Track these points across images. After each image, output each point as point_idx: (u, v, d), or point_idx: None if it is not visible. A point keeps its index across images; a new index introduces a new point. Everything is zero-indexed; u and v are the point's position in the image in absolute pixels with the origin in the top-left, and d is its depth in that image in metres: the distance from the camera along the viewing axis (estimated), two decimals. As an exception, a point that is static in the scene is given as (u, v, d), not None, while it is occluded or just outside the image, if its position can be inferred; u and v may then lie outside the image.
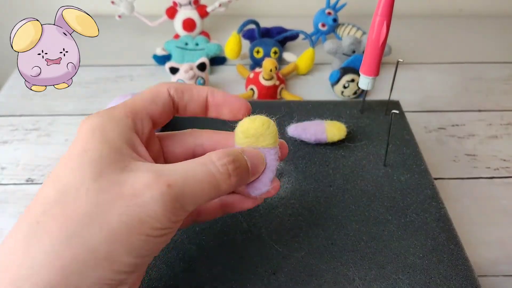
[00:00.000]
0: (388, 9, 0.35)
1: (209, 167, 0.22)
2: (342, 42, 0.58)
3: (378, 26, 0.36)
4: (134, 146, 0.23)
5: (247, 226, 0.31)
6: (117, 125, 0.22)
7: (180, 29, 0.66)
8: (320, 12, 0.67)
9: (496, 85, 0.59)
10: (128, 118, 0.23)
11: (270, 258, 0.30)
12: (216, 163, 0.22)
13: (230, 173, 0.23)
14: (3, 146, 0.47)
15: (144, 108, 0.24)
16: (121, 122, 0.23)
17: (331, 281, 0.29)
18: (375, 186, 0.35)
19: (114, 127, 0.22)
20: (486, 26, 0.76)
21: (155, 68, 0.62)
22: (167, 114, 0.26)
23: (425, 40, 0.71)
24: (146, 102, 0.25)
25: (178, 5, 0.65)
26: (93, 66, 0.62)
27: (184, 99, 0.26)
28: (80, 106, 0.54)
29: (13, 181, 0.43)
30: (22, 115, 0.52)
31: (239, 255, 0.30)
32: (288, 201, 0.34)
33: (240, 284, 0.28)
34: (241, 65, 0.61)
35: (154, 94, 0.25)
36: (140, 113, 0.24)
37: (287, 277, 0.29)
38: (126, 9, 0.63)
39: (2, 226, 0.38)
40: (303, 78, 0.61)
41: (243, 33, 0.61)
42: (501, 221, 0.40)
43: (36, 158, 0.46)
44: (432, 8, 0.80)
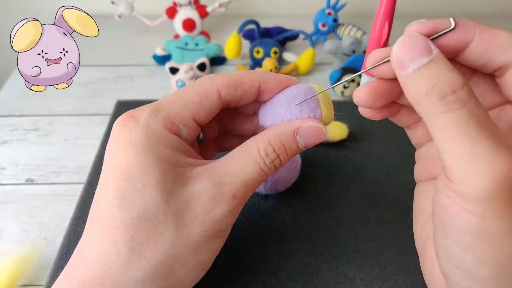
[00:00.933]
0: (390, 9, 0.35)
1: (261, 167, 0.23)
2: (342, 42, 0.58)
3: (380, 26, 0.35)
4: (186, 151, 0.23)
5: (248, 226, 0.31)
6: (163, 137, 0.22)
7: (180, 29, 0.66)
8: (320, 12, 0.67)
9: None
10: (174, 125, 0.23)
11: (271, 258, 0.30)
12: (265, 160, 0.23)
13: (276, 167, 0.23)
14: (3, 146, 0.47)
15: (189, 113, 0.23)
16: (166, 133, 0.22)
17: (332, 281, 0.29)
18: (376, 187, 0.35)
19: (161, 140, 0.22)
20: (486, 26, 0.76)
21: (155, 68, 0.62)
22: (214, 113, 0.25)
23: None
24: (192, 106, 0.23)
25: (178, 5, 0.65)
26: (93, 66, 0.62)
27: (237, 95, 0.25)
28: (80, 106, 0.54)
29: (13, 181, 0.43)
30: (22, 115, 0.52)
31: (240, 255, 0.30)
32: (289, 201, 0.34)
33: (241, 283, 0.28)
34: (241, 65, 0.61)
35: (202, 96, 0.24)
36: (185, 119, 0.23)
37: (288, 277, 0.29)
38: (126, 9, 0.63)
39: (1, 226, 0.38)
40: (303, 78, 0.61)
41: (243, 33, 0.61)
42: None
43: (35, 158, 0.46)
44: (433, 8, 0.80)
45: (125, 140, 0.22)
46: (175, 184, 0.21)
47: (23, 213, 0.39)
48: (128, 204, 0.21)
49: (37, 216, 0.39)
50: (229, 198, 0.22)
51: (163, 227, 0.21)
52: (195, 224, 0.21)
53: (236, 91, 0.24)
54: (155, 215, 0.21)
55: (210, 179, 0.22)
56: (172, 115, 0.23)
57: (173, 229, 0.21)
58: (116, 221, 0.21)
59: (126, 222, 0.21)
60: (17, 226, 0.38)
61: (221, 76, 0.24)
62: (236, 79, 0.24)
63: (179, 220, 0.21)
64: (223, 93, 0.24)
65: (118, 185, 0.21)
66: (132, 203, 0.21)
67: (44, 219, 0.39)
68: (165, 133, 0.22)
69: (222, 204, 0.21)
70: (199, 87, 0.24)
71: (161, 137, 0.22)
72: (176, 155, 0.22)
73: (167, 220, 0.21)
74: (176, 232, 0.21)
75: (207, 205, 0.21)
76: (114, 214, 0.21)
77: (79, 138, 0.48)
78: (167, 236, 0.21)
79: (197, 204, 0.21)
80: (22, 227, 0.38)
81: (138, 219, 0.21)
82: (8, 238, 0.37)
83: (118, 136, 0.22)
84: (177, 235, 0.21)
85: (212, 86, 0.24)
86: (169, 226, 0.21)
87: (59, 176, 0.44)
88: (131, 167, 0.21)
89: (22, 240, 0.37)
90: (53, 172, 0.44)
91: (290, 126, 0.23)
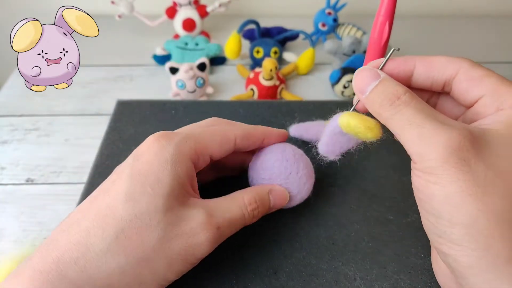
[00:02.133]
0: (390, 10, 0.35)
1: (243, 212, 0.27)
2: (342, 42, 0.58)
3: (380, 27, 0.35)
4: (192, 182, 0.27)
5: (248, 226, 0.31)
6: (185, 161, 0.26)
7: (180, 29, 0.66)
8: (320, 12, 0.67)
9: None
10: (197, 155, 0.27)
11: (271, 258, 0.30)
12: (248, 207, 0.27)
13: (255, 216, 0.28)
14: (3, 146, 0.47)
15: (209, 150, 0.27)
16: (189, 159, 0.26)
17: (332, 280, 0.29)
18: (376, 186, 0.35)
19: (183, 163, 0.25)
20: (486, 26, 0.76)
21: (155, 68, 0.62)
22: (226, 154, 0.29)
23: (425, 40, 0.71)
24: (214, 144, 0.28)
25: (178, 5, 0.65)
26: (93, 66, 0.62)
27: (246, 144, 0.30)
28: (80, 106, 0.54)
29: (13, 181, 0.43)
30: (22, 115, 0.52)
31: (240, 255, 0.30)
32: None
33: (241, 283, 0.28)
34: (241, 65, 0.61)
35: (224, 140, 0.28)
36: (205, 153, 0.27)
37: (288, 276, 0.29)
38: (126, 8, 0.63)
39: (1, 226, 0.38)
40: (303, 78, 0.61)
41: (243, 33, 0.61)
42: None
43: (35, 158, 0.46)
44: (432, 8, 0.80)
45: (155, 151, 0.25)
46: (177, 202, 0.24)
47: (23, 213, 0.39)
48: (134, 202, 0.23)
49: (37, 216, 0.39)
50: (214, 229, 0.25)
51: (152, 231, 0.23)
52: (179, 240, 0.24)
53: (248, 141, 0.30)
54: (150, 218, 0.23)
55: (203, 208, 0.25)
56: (198, 147, 0.27)
57: (160, 237, 0.23)
58: (115, 212, 0.23)
59: (123, 216, 0.23)
60: (17, 226, 0.38)
61: (239, 126, 0.30)
62: (250, 133, 0.30)
63: (168, 232, 0.24)
64: (237, 141, 0.29)
65: (132, 185, 0.24)
66: (137, 203, 0.23)
67: (44, 219, 0.39)
68: (187, 159, 0.26)
69: (207, 232, 0.24)
70: (221, 131, 0.29)
71: (184, 161, 0.25)
72: (186, 180, 0.26)
73: (158, 227, 0.23)
74: (161, 240, 0.23)
75: (195, 227, 0.24)
76: (117, 206, 0.23)
77: (79, 138, 0.48)
78: (153, 241, 0.23)
79: (187, 224, 0.24)
80: (22, 227, 0.38)
81: (136, 216, 0.23)
82: (8, 238, 0.37)
83: (150, 146, 0.25)
84: (161, 243, 0.23)
85: (232, 134, 0.29)
86: (158, 233, 0.23)
87: (59, 176, 0.44)
88: (150, 174, 0.24)
89: (22, 240, 0.37)
90: (53, 172, 0.44)
91: (265, 187, 0.29)
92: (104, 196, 0.24)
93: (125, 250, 0.23)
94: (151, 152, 0.25)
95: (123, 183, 0.24)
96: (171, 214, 0.24)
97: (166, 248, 0.24)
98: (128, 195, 0.23)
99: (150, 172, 0.24)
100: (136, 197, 0.23)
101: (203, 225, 0.24)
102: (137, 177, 0.24)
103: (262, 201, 0.28)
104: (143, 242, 0.23)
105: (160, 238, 0.23)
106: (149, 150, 0.25)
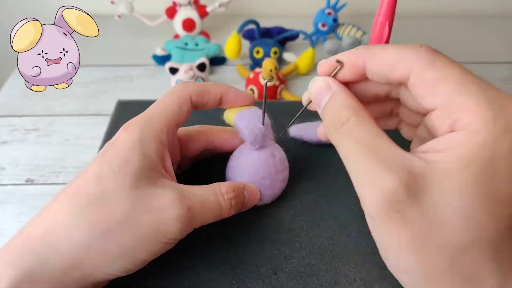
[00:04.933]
0: (390, 11, 0.35)
1: (219, 198, 0.27)
2: (342, 42, 0.58)
3: (380, 27, 0.36)
4: (165, 163, 0.27)
5: (248, 226, 0.31)
6: (155, 141, 0.26)
7: (180, 29, 0.66)
8: (320, 12, 0.67)
9: (496, 85, 0.59)
10: (163, 133, 0.26)
11: (271, 258, 0.30)
12: (224, 196, 0.27)
13: (231, 206, 0.27)
14: (3, 146, 0.47)
15: (174, 120, 0.27)
16: (158, 138, 0.26)
17: (332, 281, 0.29)
18: (375, 186, 0.35)
19: (152, 143, 0.26)
20: (486, 26, 0.76)
21: (155, 68, 0.62)
22: (188, 116, 0.29)
23: (425, 40, 0.71)
24: (175, 114, 0.27)
25: (177, 5, 0.65)
26: (93, 66, 0.62)
27: (203, 101, 0.29)
28: (80, 106, 0.54)
29: (13, 181, 0.43)
30: (22, 115, 0.52)
31: (240, 255, 0.30)
32: (290, 202, 0.34)
33: (241, 284, 0.28)
34: (241, 65, 0.61)
35: (181, 102, 0.28)
36: (171, 126, 0.27)
37: (288, 277, 0.29)
38: (126, 8, 0.63)
39: (2, 226, 0.38)
40: (303, 78, 0.61)
41: (243, 33, 0.61)
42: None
43: (35, 158, 0.46)
44: (432, 8, 0.80)
45: (124, 138, 0.25)
46: (147, 181, 0.24)
47: (22, 213, 0.39)
48: (101, 181, 0.24)
49: (37, 216, 0.39)
50: (185, 208, 0.24)
51: (120, 205, 0.23)
52: (147, 216, 0.24)
53: (203, 98, 0.29)
54: (118, 194, 0.24)
55: (174, 188, 0.25)
56: (162, 124, 0.27)
57: (125, 210, 0.23)
58: (83, 190, 0.24)
59: (90, 192, 0.24)
60: (17, 226, 0.38)
61: (191, 84, 0.29)
62: (204, 88, 0.29)
63: (136, 207, 0.23)
64: (193, 99, 0.28)
65: (101, 166, 0.24)
66: (104, 181, 0.24)
67: (44, 219, 0.39)
68: (155, 139, 0.26)
69: (177, 209, 0.24)
70: (176, 95, 0.28)
71: (152, 141, 0.26)
72: (157, 161, 0.26)
73: (126, 201, 0.23)
74: (127, 214, 0.23)
75: (164, 205, 0.24)
76: (86, 184, 0.24)
77: (79, 138, 0.48)
78: (118, 214, 0.23)
79: (157, 201, 0.24)
80: (22, 227, 0.38)
81: (103, 193, 0.23)
82: (8, 238, 0.37)
83: (119, 135, 0.26)
84: (127, 217, 0.23)
85: (185, 93, 0.28)
86: (124, 206, 0.23)
87: (59, 176, 0.44)
88: (118, 156, 0.25)
89: (22, 240, 0.37)
90: (53, 172, 0.44)
91: (241, 183, 0.29)
92: (76, 179, 0.25)
93: (90, 223, 0.23)
94: (121, 139, 0.26)
95: (93, 166, 0.25)
96: (139, 191, 0.24)
97: (133, 222, 0.23)
98: (97, 174, 0.24)
99: (118, 155, 0.25)
100: (105, 175, 0.24)
101: (173, 203, 0.24)
102: (106, 159, 0.25)
103: (239, 193, 0.28)
104: (108, 215, 0.23)
105: (126, 212, 0.23)
106: (118, 138, 0.26)
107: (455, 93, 0.19)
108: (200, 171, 0.35)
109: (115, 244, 0.23)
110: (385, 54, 0.22)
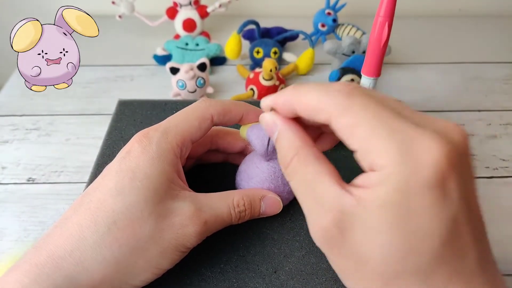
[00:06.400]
0: (390, 10, 0.35)
1: (231, 211, 0.28)
2: (342, 42, 0.58)
3: (380, 27, 0.36)
4: (180, 174, 0.28)
5: (248, 225, 0.31)
6: (169, 156, 0.26)
7: (180, 29, 0.66)
8: (320, 12, 0.67)
9: (495, 85, 0.60)
10: (179, 147, 0.27)
11: (272, 257, 0.30)
12: (236, 209, 0.28)
13: (241, 218, 0.29)
14: (4, 145, 0.47)
15: (191, 136, 0.28)
16: (172, 153, 0.27)
17: (332, 280, 0.29)
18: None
19: (167, 158, 0.26)
20: (486, 26, 0.76)
21: (155, 68, 0.62)
22: (205, 134, 0.29)
23: (425, 40, 0.71)
24: (193, 130, 0.28)
25: (178, 5, 0.65)
26: (93, 66, 0.62)
27: (225, 120, 0.30)
28: (80, 106, 0.54)
29: (14, 181, 0.43)
30: (22, 115, 0.52)
31: (240, 254, 0.30)
32: (290, 201, 0.34)
33: (241, 282, 0.28)
34: (241, 65, 0.61)
35: (201, 120, 0.28)
36: (187, 141, 0.28)
37: (288, 275, 0.29)
38: (127, 9, 0.63)
39: (2, 226, 0.38)
40: (303, 78, 0.61)
41: (243, 33, 0.61)
42: (500, 220, 0.40)
43: (36, 158, 0.46)
44: (432, 8, 0.80)
45: (140, 150, 0.26)
46: (166, 195, 0.25)
47: (24, 213, 0.40)
48: (124, 196, 0.24)
49: (38, 216, 0.39)
50: (202, 223, 0.26)
51: (144, 222, 0.24)
52: (169, 231, 0.25)
53: (225, 118, 0.29)
54: (141, 210, 0.24)
55: (192, 202, 0.26)
56: (178, 139, 0.27)
57: (151, 228, 0.24)
58: (105, 206, 0.24)
59: (114, 208, 0.24)
60: (18, 225, 0.38)
61: (214, 103, 0.29)
62: (226, 108, 0.29)
63: (159, 223, 0.25)
64: (215, 118, 0.29)
65: (122, 180, 0.25)
66: (127, 196, 0.24)
67: (45, 219, 0.39)
68: (171, 154, 0.27)
69: (195, 225, 0.26)
70: (198, 113, 0.28)
71: (168, 156, 0.26)
72: (174, 174, 0.27)
73: (149, 218, 0.24)
74: (153, 231, 0.24)
75: (184, 220, 0.25)
76: (107, 200, 0.24)
77: (80, 137, 0.49)
78: (145, 231, 0.24)
79: (177, 216, 0.25)
80: (23, 227, 0.38)
81: (127, 208, 0.24)
82: (9, 237, 0.37)
83: (134, 145, 0.26)
84: (153, 233, 0.24)
85: (208, 112, 0.29)
86: (149, 224, 0.24)
87: (60, 175, 0.44)
88: (138, 170, 0.25)
89: (23, 239, 0.37)
90: (54, 171, 0.44)
91: (259, 192, 0.30)
92: (95, 192, 0.25)
93: (118, 241, 0.24)
94: (136, 151, 0.26)
95: (112, 179, 0.25)
96: (161, 206, 0.25)
97: (158, 238, 0.25)
98: (118, 189, 0.24)
99: (137, 169, 0.25)
100: (126, 191, 0.24)
101: (192, 218, 0.26)
102: (125, 173, 0.25)
103: (251, 205, 0.29)
104: (135, 233, 0.24)
105: (152, 229, 0.24)
106: (134, 149, 0.26)
107: (368, 138, 0.20)
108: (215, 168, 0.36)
109: (143, 259, 0.24)
110: (307, 98, 0.23)
